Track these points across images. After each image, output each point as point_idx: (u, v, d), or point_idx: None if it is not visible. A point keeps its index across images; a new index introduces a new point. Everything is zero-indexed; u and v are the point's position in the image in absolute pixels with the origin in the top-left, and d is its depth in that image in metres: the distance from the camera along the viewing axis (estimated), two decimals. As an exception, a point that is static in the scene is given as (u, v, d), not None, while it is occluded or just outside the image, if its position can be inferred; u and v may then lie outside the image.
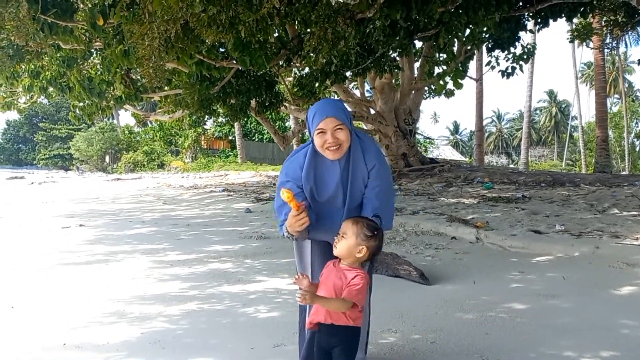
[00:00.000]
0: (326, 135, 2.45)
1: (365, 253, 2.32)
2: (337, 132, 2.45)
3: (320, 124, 2.45)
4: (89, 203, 13.36)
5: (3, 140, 66.02)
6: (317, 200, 2.61)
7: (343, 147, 2.49)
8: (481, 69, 22.62)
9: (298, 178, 2.58)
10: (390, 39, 8.66)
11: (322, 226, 2.59)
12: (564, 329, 3.48)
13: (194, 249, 6.60)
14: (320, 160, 2.57)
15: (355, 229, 2.34)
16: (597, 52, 19.93)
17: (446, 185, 12.29)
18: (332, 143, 2.45)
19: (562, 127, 62.77)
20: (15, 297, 4.43)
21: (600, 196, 9.25)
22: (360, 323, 2.37)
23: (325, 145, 2.47)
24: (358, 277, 2.29)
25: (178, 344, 3.31)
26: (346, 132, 2.48)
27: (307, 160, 2.57)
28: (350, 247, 2.32)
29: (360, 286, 2.27)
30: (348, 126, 2.49)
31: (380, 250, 2.41)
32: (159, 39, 5.66)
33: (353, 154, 2.55)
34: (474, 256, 5.88)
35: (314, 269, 2.67)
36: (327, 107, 2.52)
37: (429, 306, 4.04)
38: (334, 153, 2.48)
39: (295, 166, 2.62)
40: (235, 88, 11.40)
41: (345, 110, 2.59)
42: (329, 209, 2.62)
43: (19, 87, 13.27)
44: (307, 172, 2.57)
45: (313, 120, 2.50)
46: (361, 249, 2.31)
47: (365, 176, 2.60)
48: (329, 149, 2.48)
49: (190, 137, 34.83)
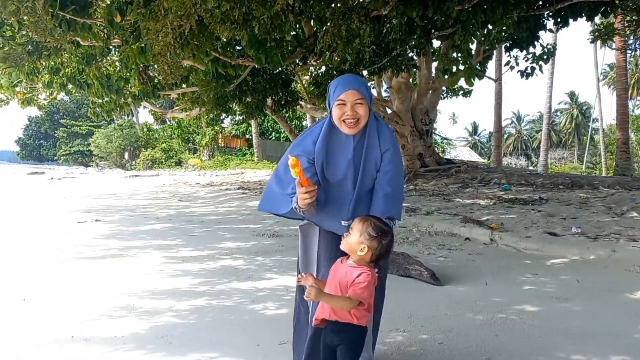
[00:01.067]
0: (346, 107, 2.42)
1: (367, 252, 2.28)
2: (357, 106, 2.42)
3: (342, 95, 2.42)
4: (105, 199, 13.50)
5: (25, 136, 67.01)
6: (327, 180, 2.55)
7: (360, 122, 2.45)
8: (500, 69, 22.40)
9: (310, 151, 2.53)
10: (407, 38, 8.60)
11: (331, 210, 2.54)
12: (574, 333, 3.42)
13: (207, 245, 6.63)
14: (336, 135, 2.52)
15: (361, 227, 2.31)
16: (618, 53, 19.61)
17: (462, 186, 12.19)
18: (351, 116, 2.42)
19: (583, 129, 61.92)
20: (28, 290, 4.47)
21: (619, 199, 9.09)
22: (366, 322, 2.33)
23: (343, 117, 2.43)
24: (363, 274, 2.26)
25: (185, 338, 3.32)
26: (365, 108, 2.45)
27: (322, 134, 2.53)
28: (352, 244, 2.30)
29: (365, 284, 2.24)
30: (368, 103, 2.46)
31: (387, 253, 2.36)
32: (172, 34, 5.68)
33: (369, 134, 2.51)
34: (487, 257, 5.81)
35: (320, 265, 2.64)
36: (350, 80, 2.49)
37: (438, 307, 4.00)
38: (350, 127, 2.45)
39: (309, 139, 2.57)
40: (252, 86, 11.43)
41: (368, 88, 2.54)
42: (339, 191, 2.56)
43: (39, 84, 13.45)
44: (320, 145, 2.52)
45: (335, 92, 2.46)
46: (363, 248, 2.28)
47: (378, 159, 2.54)
48: (345, 122, 2.44)
49: (208, 135, 35.05)
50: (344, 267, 2.34)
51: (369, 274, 2.27)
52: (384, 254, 2.34)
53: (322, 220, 2.60)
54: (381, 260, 2.36)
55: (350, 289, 2.25)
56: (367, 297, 2.27)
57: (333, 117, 2.48)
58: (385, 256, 2.37)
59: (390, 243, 2.35)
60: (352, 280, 2.26)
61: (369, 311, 2.33)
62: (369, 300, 2.29)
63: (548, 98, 28.83)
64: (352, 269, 2.30)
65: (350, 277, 2.27)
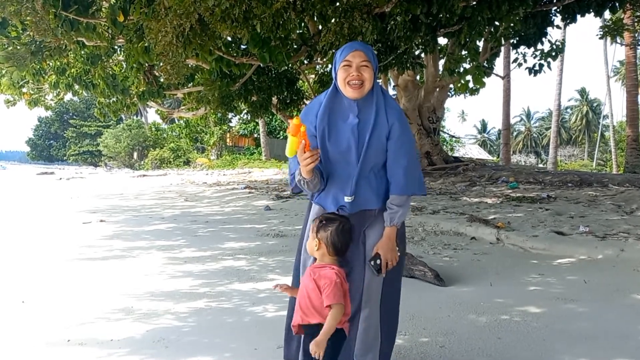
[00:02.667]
0: (351, 68, 2.38)
1: (321, 245, 2.25)
2: (362, 68, 2.38)
3: (348, 56, 2.39)
4: (112, 199, 13.51)
5: (35, 136, 67.50)
6: (329, 153, 2.46)
7: (365, 87, 2.40)
8: (508, 66, 22.22)
9: (313, 121, 2.48)
10: (412, 35, 8.52)
11: (334, 186, 2.47)
12: (580, 336, 3.33)
13: (210, 245, 6.59)
14: (339, 101, 2.46)
15: (313, 225, 2.31)
16: (628, 49, 19.38)
17: (470, 184, 12.08)
18: (355, 77, 2.37)
19: (594, 126, 61.40)
20: (28, 291, 4.45)
21: (628, 197, 8.96)
22: (341, 325, 2.24)
23: (348, 78, 2.38)
24: (323, 277, 2.20)
25: (181, 342, 3.27)
26: (371, 73, 2.40)
27: (325, 99, 2.49)
28: (310, 245, 2.30)
29: (330, 286, 2.17)
30: (374, 69, 2.43)
31: (344, 241, 2.28)
32: (172, 33, 5.64)
33: (376, 101, 2.44)
34: (493, 257, 5.73)
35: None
36: (357, 44, 2.48)
37: (441, 308, 3.92)
38: (354, 90, 2.38)
39: (315, 105, 2.53)
40: (257, 85, 11.39)
41: (374, 55, 2.50)
42: (343, 166, 2.46)
43: (45, 84, 13.49)
44: (323, 110, 2.47)
45: (341, 54, 2.43)
46: (316, 243, 2.26)
47: (384, 130, 2.43)
48: (350, 84, 2.38)
49: (216, 135, 35.07)
50: (307, 270, 2.30)
51: (330, 272, 2.21)
52: (338, 242, 2.26)
53: (326, 198, 2.51)
54: (341, 250, 2.28)
55: (323, 298, 2.18)
56: (339, 298, 2.17)
57: (338, 80, 2.44)
58: (341, 244, 2.27)
59: (340, 228, 2.27)
60: (317, 286, 2.21)
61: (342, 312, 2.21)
62: (340, 301, 2.18)
63: (557, 95, 28.55)
64: (314, 269, 2.26)
65: (311, 278, 2.23)
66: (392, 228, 2.47)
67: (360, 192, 2.44)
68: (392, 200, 2.46)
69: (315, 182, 2.43)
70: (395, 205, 2.45)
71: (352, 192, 2.43)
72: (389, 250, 2.46)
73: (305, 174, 2.35)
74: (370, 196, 2.47)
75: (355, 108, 2.43)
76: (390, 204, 2.46)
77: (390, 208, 2.46)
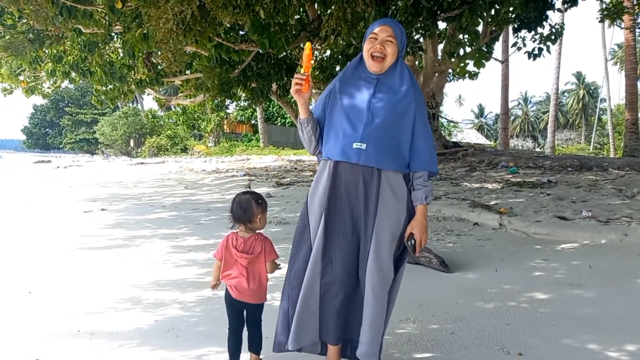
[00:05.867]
0: (376, 41, 2.44)
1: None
2: (387, 42, 2.44)
3: (376, 29, 2.46)
4: (111, 187, 13.47)
5: (31, 124, 67.06)
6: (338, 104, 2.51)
7: (386, 61, 2.46)
8: (507, 51, 22.12)
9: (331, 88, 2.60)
10: (412, 20, 8.44)
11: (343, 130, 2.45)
12: (588, 321, 3.35)
13: (213, 234, 6.57)
14: (360, 69, 2.55)
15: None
16: (628, 32, 19.28)
17: (470, 169, 12.08)
18: (378, 50, 2.43)
19: (590, 110, 61.38)
20: (34, 282, 4.44)
21: (629, 181, 8.98)
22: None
23: (371, 50, 2.45)
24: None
25: (191, 332, 3.27)
26: (394, 49, 2.46)
27: (349, 64, 2.62)
28: None
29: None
30: (399, 46, 2.48)
31: (241, 212, 2.56)
32: (173, 20, 5.57)
33: (401, 75, 2.50)
34: (497, 243, 5.74)
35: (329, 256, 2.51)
36: (387, 20, 2.56)
37: (448, 295, 3.93)
38: (376, 63, 2.45)
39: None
40: (256, 72, 11.31)
41: (403, 33, 2.55)
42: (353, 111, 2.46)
43: (42, 72, 13.37)
44: (342, 72, 2.62)
45: (371, 28, 2.52)
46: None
47: (405, 104, 2.46)
48: (373, 56, 2.45)
49: (213, 121, 34.93)
50: None
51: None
52: (235, 212, 2.59)
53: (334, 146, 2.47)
54: (239, 219, 2.58)
55: None
56: (216, 253, 2.68)
57: (364, 51, 2.51)
58: (237, 214, 2.57)
59: (234, 202, 2.61)
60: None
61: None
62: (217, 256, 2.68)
63: (555, 79, 28.51)
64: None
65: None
66: (424, 206, 2.48)
67: (372, 136, 2.41)
68: (422, 177, 2.48)
69: (309, 129, 2.53)
70: (426, 182, 2.49)
71: (363, 139, 2.40)
72: (424, 229, 2.48)
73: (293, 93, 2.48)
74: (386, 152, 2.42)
75: (374, 79, 2.49)
76: (422, 180, 2.48)
77: (425, 185, 2.48)
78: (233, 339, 2.67)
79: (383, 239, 2.43)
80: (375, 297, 2.44)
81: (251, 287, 2.60)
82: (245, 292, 2.60)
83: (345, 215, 2.46)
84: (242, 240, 2.61)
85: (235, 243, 2.61)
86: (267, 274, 2.67)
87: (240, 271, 2.60)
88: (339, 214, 2.47)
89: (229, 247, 2.62)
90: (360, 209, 2.45)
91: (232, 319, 2.68)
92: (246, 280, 2.59)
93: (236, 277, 2.61)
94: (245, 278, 2.59)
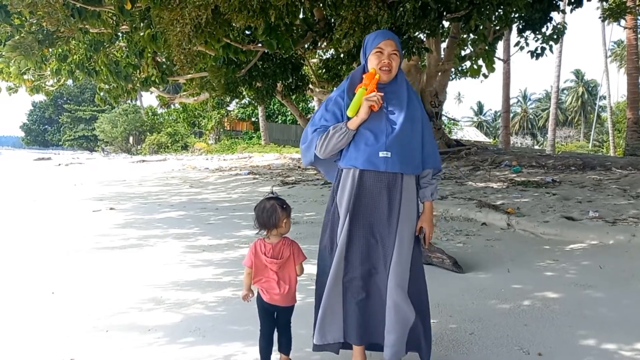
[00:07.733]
0: (383, 56, 2.63)
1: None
2: (392, 56, 2.64)
3: (381, 44, 2.63)
4: (116, 185, 13.53)
5: (29, 121, 67.00)
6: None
7: (392, 72, 2.66)
8: (509, 50, 22.21)
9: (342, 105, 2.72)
10: (420, 21, 8.51)
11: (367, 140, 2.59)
12: (602, 322, 3.43)
13: (224, 233, 6.65)
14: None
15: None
16: (630, 32, 19.34)
17: (473, 168, 12.16)
18: (387, 64, 2.62)
19: (589, 108, 61.52)
20: (55, 282, 4.52)
21: (633, 180, 9.06)
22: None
23: (379, 65, 2.62)
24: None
25: (217, 331, 3.35)
26: (398, 61, 2.67)
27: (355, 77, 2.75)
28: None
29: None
30: (400, 58, 2.69)
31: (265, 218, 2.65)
32: (190, 24, 5.64)
33: (407, 86, 2.71)
34: (506, 243, 5.82)
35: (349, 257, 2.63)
36: (388, 33, 2.74)
37: (464, 295, 4.02)
38: (384, 74, 2.63)
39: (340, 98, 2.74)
40: (262, 71, 11.37)
41: (400, 45, 2.77)
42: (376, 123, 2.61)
43: (47, 71, 13.41)
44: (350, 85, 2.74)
45: (373, 41, 2.66)
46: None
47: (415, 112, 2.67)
48: (382, 69, 2.63)
49: (214, 119, 34.94)
50: None
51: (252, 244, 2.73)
52: (261, 219, 2.67)
53: (358, 155, 2.60)
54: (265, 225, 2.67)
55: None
56: (246, 261, 2.74)
57: (368, 65, 2.68)
58: (263, 220, 2.66)
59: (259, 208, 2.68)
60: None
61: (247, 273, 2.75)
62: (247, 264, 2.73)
63: (556, 77, 28.58)
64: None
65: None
66: (431, 202, 2.73)
67: (395, 145, 2.58)
68: (428, 175, 2.72)
69: (349, 139, 2.62)
70: (431, 179, 2.72)
71: (387, 147, 2.57)
72: (432, 224, 2.75)
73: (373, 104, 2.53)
74: (407, 157, 2.61)
75: (380, 89, 2.62)
76: (431, 177, 2.72)
77: (431, 183, 2.72)
78: (265, 341, 2.75)
79: (405, 240, 2.60)
80: (398, 297, 2.56)
81: (282, 291, 2.68)
82: (276, 296, 2.69)
83: (367, 218, 2.61)
84: (270, 246, 2.69)
85: (264, 249, 2.70)
86: (296, 276, 2.74)
87: (271, 276, 2.69)
88: (363, 217, 2.61)
89: (258, 253, 2.71)
90: (382, 212, 2.60)
91: (264, 322, 2.76)
92: (277, 285, 2.68)
93: (267, 281, 2.70)
94: (276, 282, 2.68)
